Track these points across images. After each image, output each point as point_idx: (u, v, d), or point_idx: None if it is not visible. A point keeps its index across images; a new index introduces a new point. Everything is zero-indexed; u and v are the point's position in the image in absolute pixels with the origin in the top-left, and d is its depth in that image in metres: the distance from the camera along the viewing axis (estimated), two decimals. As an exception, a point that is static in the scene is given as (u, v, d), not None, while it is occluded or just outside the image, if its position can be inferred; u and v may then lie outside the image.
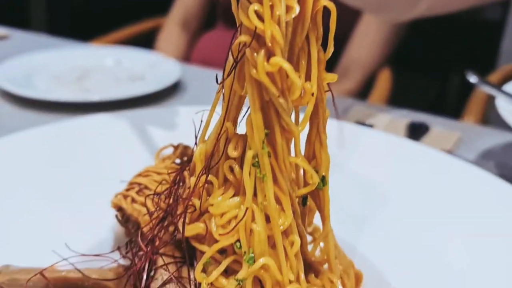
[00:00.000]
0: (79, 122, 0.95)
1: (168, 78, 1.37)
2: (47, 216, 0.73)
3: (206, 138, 0.52)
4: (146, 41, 2.13)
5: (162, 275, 0.57)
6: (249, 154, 0.46)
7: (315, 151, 0.50)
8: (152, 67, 1.48)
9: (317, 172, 0.50)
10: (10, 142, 0.86)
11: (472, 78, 1.09)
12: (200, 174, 0.49)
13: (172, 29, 2.09)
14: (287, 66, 0.40)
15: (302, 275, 0.50)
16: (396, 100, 1.59)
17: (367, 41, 1.74)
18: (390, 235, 0.74)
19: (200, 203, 0.52)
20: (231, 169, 0.49)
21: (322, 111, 0.47)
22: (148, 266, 0.57)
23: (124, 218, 0.67)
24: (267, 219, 0.49)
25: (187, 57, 2.06)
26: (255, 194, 0.47)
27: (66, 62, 1.51)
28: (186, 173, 0.53)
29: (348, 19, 1.79)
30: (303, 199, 0.53)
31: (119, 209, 0.68)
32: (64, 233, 0.69)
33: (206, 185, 0.51)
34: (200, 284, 0.54)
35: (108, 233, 0.72)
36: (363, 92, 1.76)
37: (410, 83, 2.61)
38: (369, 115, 1.27)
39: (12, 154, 0.84)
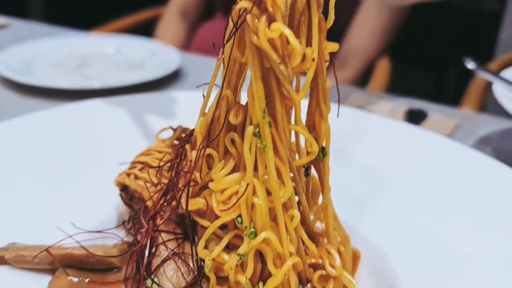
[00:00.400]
0: (80, 106, 0.96)
1: (168, 66, 1.38)
2: (52, 197, 0.74)
3: (206, 111, 0.52)
4: (144, 31, 2.13)
5: (162, 252, 0.58)
6: (249, 130, 0.47)
7: (315, 122, 0.50)
8: (152, 55, 1.49)
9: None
10: (13, 126, 0.87)
11: (470, 65, 1.10)
12: (201, 146, 0.50)
13: (171, 19, 2.09)
14: (288, 32, 0.40)
15: (303, 247, 0.51)
16: (395, 89, 1.60)
17: (367, 30, 1.74)
18: (391, 218, 0.74)
19: (200, 174, 0.52)
20: (232, 142, 0.50)
21: (322, 81, 0.47)
22: (150, 243, 0.58)
23: (128, 196, 0.68)
24: (268, 192, 0.50)
25: (186, 46, 2.06)
26: (255, 169, 0.48)
27: (66, 50, 1.51)
28: (187, 146, 0.54)
29: (348, 8, 1.79)
30: (306, 170, 0.54)
31: (123, 188, 0.69)
32: (68, 213, 0.70)
33: (206, 158, 0.51)
34: (200, 259, 0.55)
35: (112, 212, 0.73)
36: (361, 81, 1.77)
37: (409, 73, 2.62)
38: (368, 102, 1.28)
39: (15, 138, 0.85)
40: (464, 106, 1.53)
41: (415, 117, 1.20)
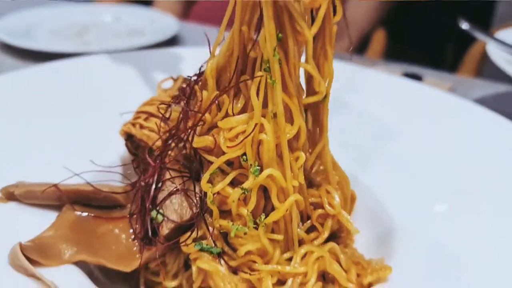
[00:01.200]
0: (84, 60, 0.98)
1: (166, 32, 1.39)
2: (58, 143, 0.76)
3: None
4: (142, 3, 2.12)
5: (168, 187, 0.60)
6: (257, 79, 0.49)
7: (319, 64, 0.52)
8: (151, 23, 1.50)
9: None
10: (19, 76, 0.89)
11: (464, 25, 1.12)
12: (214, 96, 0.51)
13: (168, -7, 2.08)
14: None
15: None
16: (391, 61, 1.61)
17: (363, 3, 1.75)
18: (391, 166, 0.76)
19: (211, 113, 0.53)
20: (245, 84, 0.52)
21: (329, 24, 0.49)
22: (156, 179, 0.60)
23: (134, 146, 0.70)
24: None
25: (184, 19, 2.06)
26: (264, 106, 0.49)
27: (65, 18, 1.52)
28: (197, 87, 0.55)
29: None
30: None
31: (128, 137, 0.71)
32: (74, 160, 0.72)
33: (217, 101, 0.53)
34: (205, 194, 0.57)
35: (116, 161, 0.74)
36: (357, 52, 1.78)
37: (405, 52, 2.62)
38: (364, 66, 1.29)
39: (23, 87, 0.87)
40: (460, 74, 1.55)
41: (410, 80, 1.22)
